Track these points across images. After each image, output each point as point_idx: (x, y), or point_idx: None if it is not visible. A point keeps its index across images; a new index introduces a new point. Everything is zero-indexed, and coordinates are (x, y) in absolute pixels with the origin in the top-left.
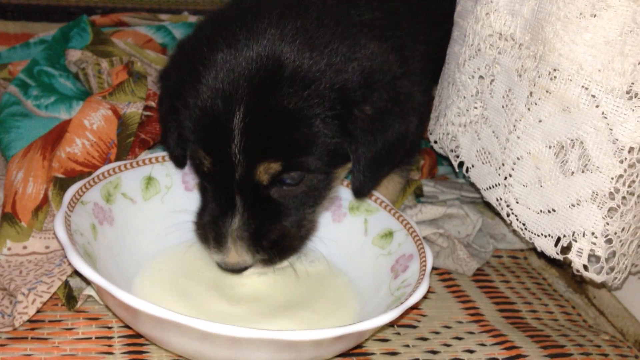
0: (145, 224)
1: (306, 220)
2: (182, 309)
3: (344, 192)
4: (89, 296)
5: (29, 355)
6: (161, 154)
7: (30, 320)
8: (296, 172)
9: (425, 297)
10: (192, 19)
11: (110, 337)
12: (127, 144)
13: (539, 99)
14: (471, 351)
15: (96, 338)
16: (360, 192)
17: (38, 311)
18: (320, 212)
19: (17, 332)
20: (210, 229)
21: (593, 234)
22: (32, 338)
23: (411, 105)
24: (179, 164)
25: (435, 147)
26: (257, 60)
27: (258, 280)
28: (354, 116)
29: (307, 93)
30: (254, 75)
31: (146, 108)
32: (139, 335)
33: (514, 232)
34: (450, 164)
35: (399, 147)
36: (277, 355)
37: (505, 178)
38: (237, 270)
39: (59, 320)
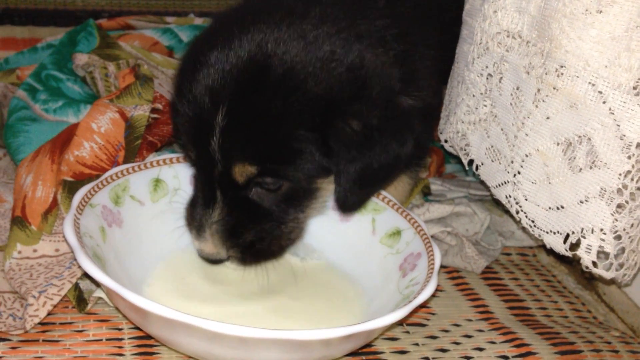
0: (153, 225)
1: (288, 226)
2: (191, 310)
3: None
4: (99, 298)
5: (41, 357)
6: (169, 156)
7: (41, 323)
8: (272, 179)
9: (434, 296)
10: (198, 21)
11: (121, 339)
12: (135, 147)
13: (547, 95)
14: (481, 349)
15: (107, 340)
16: (344, 207)
17: (49, 314)
18: (306, 220)
19: (28, 334)
20: (193, 216)
21: (602, 230)
22: (43, 340)
23: (408, 125)
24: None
25: (446, 145)
26: (246, 60)
27: (267, 280)
28: (338, 129)
29: (291, 100)
30: (241, 75)
31: (153, 110)
32: (149, 337)
33: (523, 229)
34: (458, 162)
35: (391, 167)
36: (286, 355)
37: (514, 175)
38: (213, 261)
39: (70, 323)
